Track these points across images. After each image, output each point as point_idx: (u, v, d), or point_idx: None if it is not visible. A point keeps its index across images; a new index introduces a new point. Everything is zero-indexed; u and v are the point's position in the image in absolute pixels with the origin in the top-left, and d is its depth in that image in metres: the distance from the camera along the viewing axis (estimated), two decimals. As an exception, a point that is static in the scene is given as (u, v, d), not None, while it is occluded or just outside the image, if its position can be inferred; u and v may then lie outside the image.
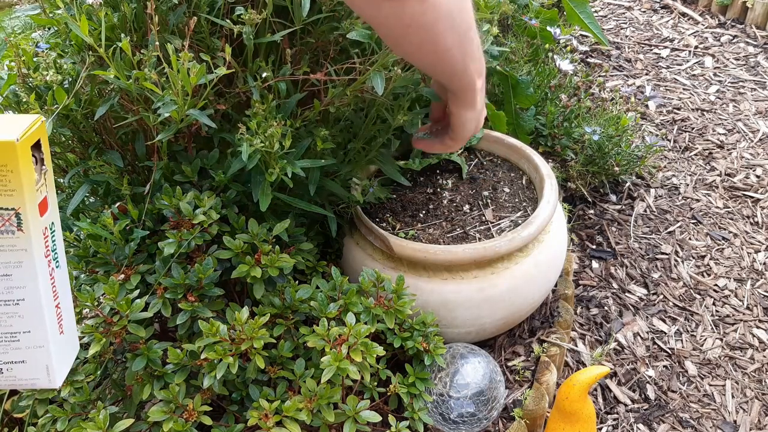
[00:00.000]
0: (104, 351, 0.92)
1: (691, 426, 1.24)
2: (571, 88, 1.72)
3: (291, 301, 0.98)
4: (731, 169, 1.90)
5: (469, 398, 1.06)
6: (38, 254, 0.55)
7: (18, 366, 0.59)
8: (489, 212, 1.26)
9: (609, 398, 1.29)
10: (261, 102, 0.94)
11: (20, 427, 1.03)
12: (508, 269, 1.13)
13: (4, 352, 0.58)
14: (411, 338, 1.03)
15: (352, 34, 0.94)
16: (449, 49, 0.65)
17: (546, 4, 1.65)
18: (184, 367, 0.91)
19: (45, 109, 0.94)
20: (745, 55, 2.42)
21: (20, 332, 0.58)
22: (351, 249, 1.21)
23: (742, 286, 1.54)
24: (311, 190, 1.05)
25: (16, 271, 0.55)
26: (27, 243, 0.54)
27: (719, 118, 2.10)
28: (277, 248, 0.98)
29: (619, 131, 1.65)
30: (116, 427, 0.84)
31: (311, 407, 0.87)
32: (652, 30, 2.62)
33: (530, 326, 1.34)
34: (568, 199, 1.74)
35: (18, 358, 0.59)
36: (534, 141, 1.68)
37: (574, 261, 1.58)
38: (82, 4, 0.91)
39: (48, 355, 0.59)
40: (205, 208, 0.97)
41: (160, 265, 0.97)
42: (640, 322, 1.45)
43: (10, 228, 0.53)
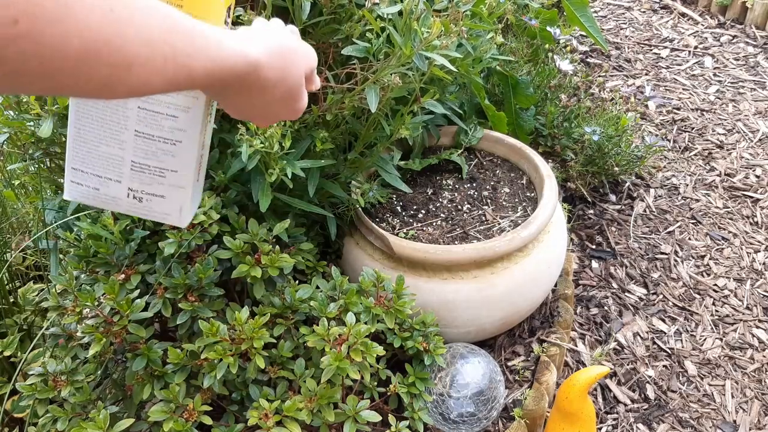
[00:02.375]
0: (105, 351, 0.93)
1: (691, 426, 1.24)
2: (570, 88, 1.72)
3: (291, 301, 0.98)
4: (731, 169, 1.90)
5: (469, 398, 1.06)
6: (204, 105, 0.60)
7: (157, 199, 0.65)
8: (489, 212, 1.26)
9: (609, 398, 1.29)
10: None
11: (21, 427, 1.03)
12: (507, 269, 1.13)
13: (150, 184, 0.64)
14: (411, 338, 1.03)
15: (347, 49, 0.94)
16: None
17: (546, 5, 1.65)
18: (184, 367, 0.91)
19: (45, 109, 0.94)
20: (744, 55, 2.42)
21: (168, 170, 0.63)
22: (351, 249, 1.21)
23: (742, 286, 1.54)
24: (311, 191, 1.05)
25: (183, 114, 0.60)
26: (199, 92, 0.58)
27: (719, 118, 2.11)
28: (277, 248, 0.99)
29: (618, 131, 1.65)
30: (116, 426, 0.84)
31: (311, 407, 0.88)
32: (651, 30, 2.62)
33: (530, 326, 1.34)
34: (567, 199, 1.74)
35: (160, 192, 0.64)
36: (534, 141, 1.68)
37: (574, 261, 1.58)
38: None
39: (185, 197, 0.65)
40: (205, 208, 0.98)
41: (161, 265, 0.97)
42: (639, 322, 1.45)
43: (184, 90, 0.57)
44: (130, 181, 0.64)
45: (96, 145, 0.62)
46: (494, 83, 1.58)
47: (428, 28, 0.90)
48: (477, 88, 1.39)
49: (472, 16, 1.26)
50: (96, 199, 0.65)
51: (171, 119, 0.60)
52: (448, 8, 1.00)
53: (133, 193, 0.64)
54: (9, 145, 1.05)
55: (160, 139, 0.61)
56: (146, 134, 0.61)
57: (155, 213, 0.66)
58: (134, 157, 0.62)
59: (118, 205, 0.66)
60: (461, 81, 1.35)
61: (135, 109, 0.59)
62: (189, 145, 0.61)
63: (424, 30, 0.90)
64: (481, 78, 1.32)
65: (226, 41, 0.44)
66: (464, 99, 1.45)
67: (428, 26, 0.90)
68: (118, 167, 0.63)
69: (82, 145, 0.62)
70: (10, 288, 1.22)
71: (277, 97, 0.53)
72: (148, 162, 0.62)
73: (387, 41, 0.95)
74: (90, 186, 0.64)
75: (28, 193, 1.37)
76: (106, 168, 0.63)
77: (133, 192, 0.64)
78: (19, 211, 1.39)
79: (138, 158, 0.62)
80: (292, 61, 0.53)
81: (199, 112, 0.59)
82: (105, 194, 0.65)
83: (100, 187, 0.64)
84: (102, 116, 0.60)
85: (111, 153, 0.62)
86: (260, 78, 0.49)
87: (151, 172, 0.63)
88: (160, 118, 0.60)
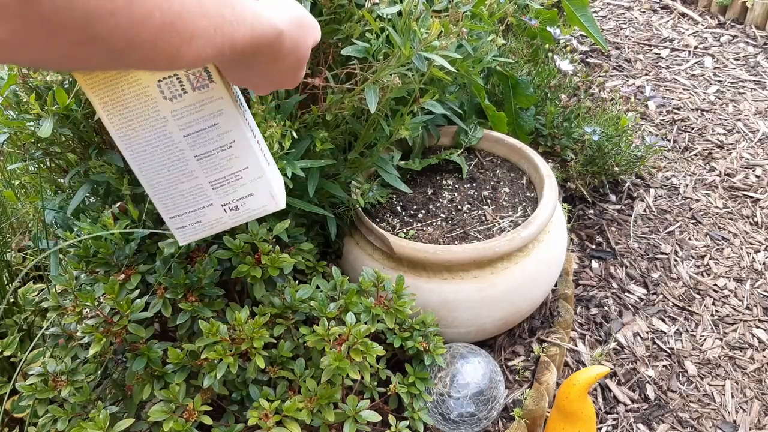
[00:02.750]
0: (105, 351, 0.93)
1: (691, 426, 1.24)
2: (570, 88, 1.72)
3: (291, 301, 0.98)
4: (731, 169, 1.90)
5: (469, 398, 1.06)
6: (231, 99, 0.62)
7: (248, 199, 0.68)
8: (489, 212, 1.26)
9: (609, 398, 1.29)
10: (260, 102, 0.95)
11: (20, 427, 1.03)
12: (507, 269, 1.13)
13: (234, 191, 0.67)
14: (411, 338, 1.03)
15: (347, 49, 0.94)
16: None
17: (546, 5, 1.65)
18: (185, 367, 0.91)
19: (45, 109, 0.95)
20: (744, 55, 2.42)
21: (240, 170, 0.66)
22: (351, 249, 1.21)
23: (742, 286, 1.54)
24: (311, 191, 1.05)
25: (220, 118, 0.62)
26: (221, 91, 0.60)
27: (719, 118, 2.11)
28: (277, 248, 0.99)
29: (618, 131, 1.65)
30: (116, 426, 0.84)
31: (311, 407, 0.88)
32: (651, 30, 2.62)
33: (530, 326, 1.34)
34: (567, 199, 1.74)
35: (246, 192, 0.68)
36: (534, 141, 1.68)
37: (574, 261, 1.58)
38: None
39: (268, 182, 0.68)
40: (205, 208, 0.97)
41: (161, 265, 0.97)
42: (639, 321, 1.45)
43: (203, 83, 0.59)
44: (220, 198, 0.68)
45: (174, 188, 0.66)
46: (494, 83, 1.58)
47: (428, 28, 0.90)
48: (477, 89, 1.39)
49: (472, 16, 1.26)
50: (204, 230, 0.70)
51: (214, 128, 0.62)
52: (448, 9, 1.00)
53: (227, 206, 0.69)
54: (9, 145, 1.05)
55: (218, 150, 0.64)
56: (205, 154, 0.64)
57: (256, 211, 0.70)
58: (209, 177, 0.66)
59: (224, 224, 0.70)
60: (461, 81, 1.35)
61: (183, 140, 0.62)
62: (242, 140, 0.64)
63: (424, 31, 0.90)
64: (481, 78, 1.32)
65: (260, 10, 0.46)
66: (464, 99, 1.45)
67: (428, 27, 0.90)
68: (203, 194, 0.67)
69: (163, 195, 0.66)
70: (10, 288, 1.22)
71: (287, 66, 0.55)
72: (222, 174, 0.66)
73: (386, 42, 0.95)
74: (193, 222, 0.69)
75: (28, 193, 1.38)
76: (195, 200, 0.67)
77: (227, 205, 0.69)
78: (19, 211, 1.39)
79: (213, 177, 0.66)
80: (305, 32, 0.56)
81: (230, 107, 0.62)
82: (208, 221, 0.69)
83: (201, 219, 0.69)
84: (162, 162, 0.64)
85: (190, 186, 0.66)
86: (282, 46, 0.51)
87: (229, 181, 0.67)
88: (205, 133, 0.63)
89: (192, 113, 0.61)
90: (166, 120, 0.60)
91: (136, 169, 0.64)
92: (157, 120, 0.60)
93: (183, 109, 0.60)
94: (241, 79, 0.58)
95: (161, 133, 0.61)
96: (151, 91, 0.58)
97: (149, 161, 0.63)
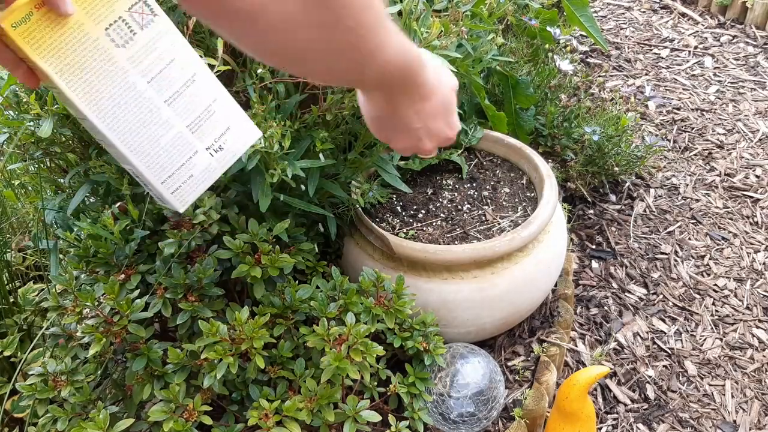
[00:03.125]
0: (105, 351, 0.93)
1: (691, 426, 1.24)
2: (570, 88, 1.72)
3: (291, 301, 0.98)
4: (731, 169, 1.90)
5: (469, 398, 1.06)
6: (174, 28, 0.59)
7: (228, 135, 0.65)
8: (489, 212, 1.26)
9: (609, 398, 1.29)
10: (260, 102, 0.95)
11: (21, 427, 1.03)
12: (507, 269, 1.13)
13: (213, 128, 0.64)
14: (411, 338, 1.03)
15: None
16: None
17: (546, 5, 1.65)
18: (185, 367, 0.91)
19: (45, 109, 0.95)
20: (744, 55, 2.42)
21: (211, 103, 0.63)
22: (351, 249, 1.21)
23: (742, 286, 1.54)
24: (311, 191, 1.05)
25: (175, 52, 0.60)
26: (166, 23, 0.59)
27: (719, 118, 2.11)
28: (277, 248, 0.99)
29: (618, 131, 1.65)
30: (116, 426, 0.84)
31: (311, 407, 0.88)
32: (651, 30, 2.62)
33: (530, 326, 1.34)
34: (567, 199, 1.74)
35: (224, 127, 0.65)
36: (534, 141, 1.68)
37: (574, 261, 1.58)
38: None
39: (238, 110, 0.65)
40: (205, 208, 0.98)
41: (161, 265, 0.97)
42: (639, 321, 1.45)
43: (148, 18, 0.57)
44: (202, 142, 0.64)
45: (156, 145, 0.62)
46: (494, 83, 1.58)
47: (428, 28, 0.90)
48: (477, 88, 1.39)
49: (472, 16, 1.26)
50: (198, 184, 0.66)
51: (174, 64, 0.60)
52: (448, 8, 1.00)
53: (212, 148, 0.65)
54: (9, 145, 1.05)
55: (184, 87, 0.61)
56: (173, 95, 0.61)
57: (238, 147, 0.67)
58: (185, 121, 0.63)
59: (215, 170, 0.66)
60: (461, 81, 1.35)
61: (148, 86, 0.60)
62: (202, 70, 0.62)
63: (424, 30, 0.90)
64: (481, 78, 1.32)
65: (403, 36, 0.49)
66: (464, 99, 1.45)
67: (428, 26, 0.90)
68: (185, 143, 0.63)
69: (148, 157, 0.62)
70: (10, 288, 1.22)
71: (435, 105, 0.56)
72: (196, 113, 0.63)
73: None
74: (185, 179, 0.65)
75: (28, 193, 1.38)
76: (180, 152, 0.64)
77: (211, 148, 0.65)
78: (19, 211, 1.39)
79: (188, 119, 0.63)
80: (442, 76, 0.57)
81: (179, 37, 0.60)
82: (199, 172, 0.65)
83: (192, 172, 0.65)
84: (136, 119, 0.60)
85: (171, 138, 0.62)
86: (426, 79, 0.53)
87: (205, 119, 0.64)
88: (167, 71, 0.60)
89: (148, 54, 0.58)
90: (125, 70, 0.58)
91: (115, 138, 0.60)
92: (117, 73, 0.58)
93: (138, 52, 0.58)
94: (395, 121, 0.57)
95: (125, 85, 0.58)
96: (102, 43, 0.56)
97: (123, 123, 0.60)
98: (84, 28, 0.55)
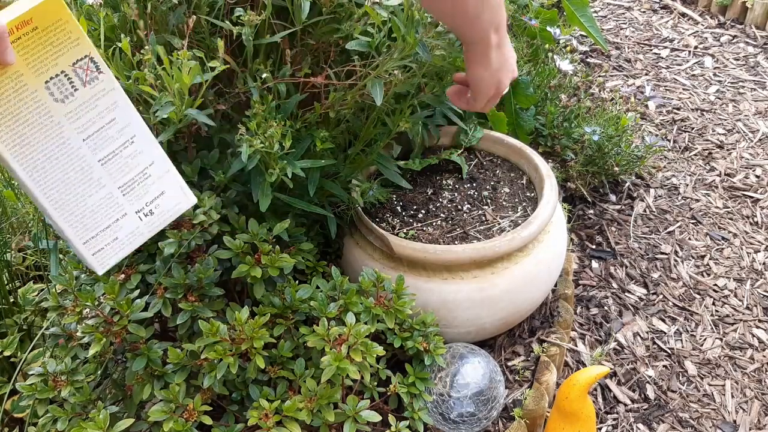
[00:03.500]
0: (105, 351, 0.93)
1: (691, 426, 1.24)
2: (570, 88, 1.72)
3: (291, 301, 0.98)
4: (731, 169, 1.90)
5: (469, 398, 1.06)
6: (120, 90, 0.58)
7: (161, 199, 0.64)
8: (489, 212, 1.26)
9: (609, 398, 1.29)
10: (261, 102, 0.95)
11: (20, 427, 1.03)
12: (507, 269, 1.14)
13: (146, 192, 0.63)
14: (411, 338, 1.03)
15: (351, 44, 0.94)
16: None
17: (546, 5, 1.65)
18: (185, 367, 0.91)
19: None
20: (744, 55, 2.42)
21: (147, 166, 0.62)
22: (351, 249, 1.21)
23: (742, 286, 1.54)
24: (311, 191, 1.05)
25: (116, 112, 0.58)
26: (111, 81, 0.57)
27: (719, 118, 2.11)
28: (277, 248, 0.99)
29: (618, 131, 1.65)
30: (116, 426, 0.84)
31: (311, 407, 0.88)
32: (651, 30, 2.62)
33: (530, 326, 1.34)
34: (567, 199, 1.74)
35: (158, 191, 0.64)
36: (534, 141, 1.68)
37: (574, 261, 1.58)
38: (82, 5, 0.91)
39: (176, 176, 0.64)
40: (205, 208, 0.98)
41: (161, 264, 0.97)
42: (639, 321, 1.45)
43: (93, 75, 0.56)
44: (132, 205, 0.63)
45: (83, 204, 0.60)
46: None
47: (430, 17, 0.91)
48: (477, 88, 1.39)
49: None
50: (123, 247, 0.64)
51: (113, 124, 0.59)
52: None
53: (142, 212, 0.64)
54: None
55: (121, 148, 0.60)
56: (108, 156, 0.59)
57: (170, 212, 0.66)
58: (117, 182, 0.61)
59: (142, 234, 0.65)
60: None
61: (83, 144, 0.57)
62: (142, 133, 0.61)
63: (427, 16, 0.90)
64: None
65: None
66: (464, 99, 1.45)
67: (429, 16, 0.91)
68: (114, 204, 0.62)
69: (72, 216, 0.60)
70: (10, 288, 1.22)
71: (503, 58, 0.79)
72: (130, 175, 0.61)
73: (388, 36, 0.95)
74: (109, 241, 0.63)
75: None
76: (107, 213, 0.62)
77: (141, 211, 0.64)
78: (19, 211, 1.39)
79: (121, 180, 0.61)
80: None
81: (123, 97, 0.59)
82: (125, 235, 0.64)
83: (117, 234, 0.63)
84: (65, 176, 0.58)
85: (100, 198, 0.60)
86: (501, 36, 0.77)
87: (138, 182, 0.62)
88: (104, 131, 0.58)
89: (87, 111, 0.57)
90: (61, 125, 0.56)
91: (37, 192, 0.57)
92: (52, 127, 0.55)
93: (77, 109, 0.56)
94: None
95: (59, 140, 0.56)
96: (40, 95, 0.54)
97: (51, 178, 0.57)
98: (23, 78, 0.53)
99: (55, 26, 0.52)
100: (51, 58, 0.54)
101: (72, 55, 0.54)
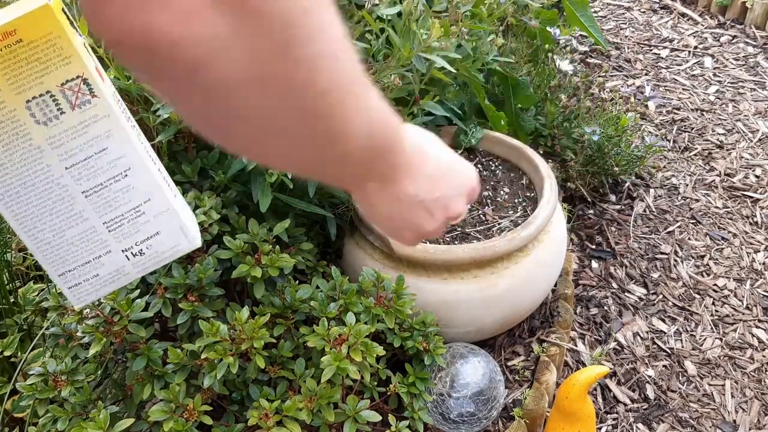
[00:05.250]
0: (105, 351, 0.93)
1: (691, 426, 1.24)
2: (570, 89, 1.72)
3: (291, 300, 0.98)
4: (730, 169, 1.90)
5: (469, 398, 1.06)
6: (121, 116, 0.52)
7: (155, 240, 0.57)
8: (489, 212, 1.26)
9: (609, 398, 1.30)
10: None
11: (21, 427, 1.03)
12: (507, 269, 1.14)
13: (137, 231, 0.56)
14: (411, 338, 1.03)
15: None
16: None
17: (546, 5, 1.65)
18: (185, 367, 0.91)
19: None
20: (744, 56, 2.42)
21: (141, 203, 0.55)
22: (351, 249, 1.21)
23: (742, 286, 1.54)
24: (311, 191, 1.06)
25: (109, 142, 0.52)
26: (106, 108, 0.51)
27: (719, 118, 2.11)
28: (278, 248, 0.99)
29: (618, 131, 1.65)
30: (117, 426, 0.84)
31: (311, 407, 0.88)
32: (651, 30, 2.62)
33: (530, 326, 1.35)
34: (567, 199, 1.75)
35: (152, 231, 0.56)
36: (534, 141, 1.68)
37: (574, 261, 1.59)
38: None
39: (176, 216, 0.57)
40: (205, 208, 0.98)
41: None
42: (639, 321, 1.45)
43: (84, 98, 0.50)
44: (119, 242, 0.56)
45: (60, 236, 0.54)
46: (494, 83, 1.58)
47: (427, 29, 0.90)
48: (477, 88, 1.39)
49: (472, 16, 1.26)
50: (104, 285, 0.58)
51: (104, 155, 0.52)
52: (448, 9, 1.00)
53: (130, 251, 0.57)
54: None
55: (111, 181, 0.53)
56: (94, 188, 0.53)
57: (165, 254, 0.59)
58: (102, 218, 0.55)
59: (128, 274, 0.59)
60: (462, 80, 1.35)
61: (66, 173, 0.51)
62: (139, 166, 0.54)
63: (423, 32, 0.90)
64: (481, 77, 1.32)
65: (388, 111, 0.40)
66: (464, 99, 1.45)
67: (427, 28, 0.90)
68: (97, 240, 0.55)
69: (48, 247, 0.54)
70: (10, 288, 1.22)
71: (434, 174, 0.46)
72: (118, 211, 0.55)
73: (386, 42, 0.95)
74: (89, 277, 0.57)
75: (28, 193, 1.37)
76: (88, 249, 0.56)
77: (129, 251, 0.57)
78: (20, 211, 1.39)
79: (107, 216, 0.55)
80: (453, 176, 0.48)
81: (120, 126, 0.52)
82: (107, 273, 0.58)
83: (98, 272, 0.57)
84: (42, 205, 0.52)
85: (80, 232, 0.54)
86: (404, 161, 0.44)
87: (129, 219, 0.56)
88: (92, 161, 0.52)
89: (73, 138, 0.50)
90: (41, 150, 0.50)
91: (10, 218, 0.52)
92: (30, 151, 0.50)
93: (61, 134, 0.50)
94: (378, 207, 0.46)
95: (37, 167, 0.50)
96: (18, 115, 0.48)
97: (26, 206, 0.52)
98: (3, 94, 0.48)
99: (43, 41, 0.47)
100: (35, 75, 0.48)
101: (61, 75, 0.49)
